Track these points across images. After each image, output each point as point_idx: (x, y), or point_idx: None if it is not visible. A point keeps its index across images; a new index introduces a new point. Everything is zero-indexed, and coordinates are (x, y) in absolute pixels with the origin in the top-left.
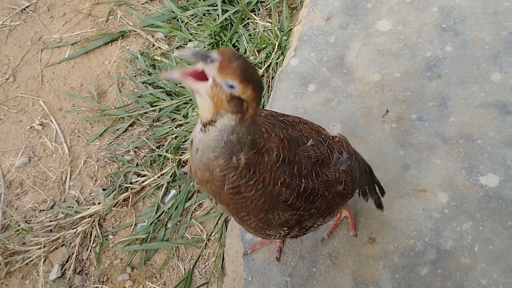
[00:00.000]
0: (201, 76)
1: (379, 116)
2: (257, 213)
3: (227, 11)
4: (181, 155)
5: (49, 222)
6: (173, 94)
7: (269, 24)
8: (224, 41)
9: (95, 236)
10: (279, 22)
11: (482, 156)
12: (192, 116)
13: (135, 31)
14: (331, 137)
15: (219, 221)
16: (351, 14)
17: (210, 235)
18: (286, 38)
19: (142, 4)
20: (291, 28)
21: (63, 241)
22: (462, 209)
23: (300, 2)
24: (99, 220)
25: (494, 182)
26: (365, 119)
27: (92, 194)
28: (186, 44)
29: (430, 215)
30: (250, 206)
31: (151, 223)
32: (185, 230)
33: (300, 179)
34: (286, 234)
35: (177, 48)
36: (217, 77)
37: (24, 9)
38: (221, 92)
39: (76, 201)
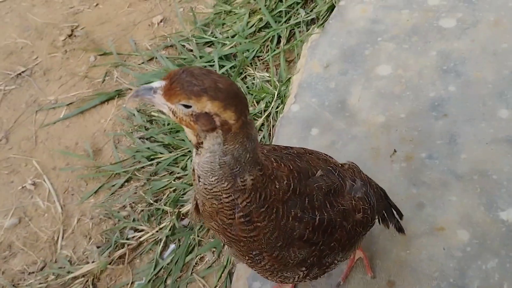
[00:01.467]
0: None
1: (387, 156)
2: (271, 250)
3: (224, 66)
4: (180, 208)
5: (39, 284)
6: (171, 147)
7: (267, 75)
8: None
9: None
10: (277, 74)
11: (499, 191)
12: (191, 168)
13: (131, 90)
14: (340, 165)
15: (223, 274)
16: (350, 61)
17: None
18: (285, 87)
19: (139, 64)
20: (290, 78)
21: None
22: (485, 247)
23: (297, 54)
24: (93, 279)
25: None
26: (373, 159)
27: (85, 253)
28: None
29: (452, 254)
30: (263, 240)
31: (149, 281)
32: (186, 286)
33: (313, 212)
34: (305, 275)
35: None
36: (168, 104)
37: (20, 74)
38: (183, 115)
39: (68, 261)
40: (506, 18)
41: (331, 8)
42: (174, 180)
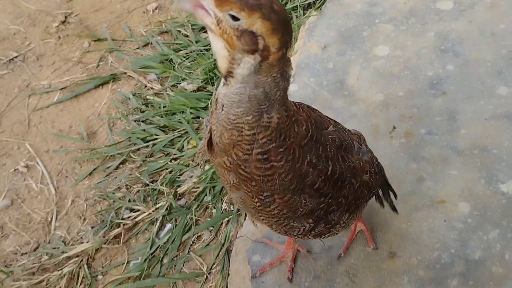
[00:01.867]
0: None
1: (387, 133)
2: (283, 193)
3: None
4: (177, 188)
5: (32, 264)
6: (166, 129)
7: None
8: (219, 76)
9: (83, 277)
10: None
11: (499, 165)
12: (188, 148)
13: (126, 74)
14: (348, 129)
15: (220, 252)
16: (348, 42)
17: (211, 267)
18: None
19: (134, 50)
20: None
21: (47, 284)
22: (486, 218)
23: (295, 38)
24: (87, 259)
25: None
26: (372, 136)
27: (80, 234)
28: (179, 83)
29: (453, 225)
30: (277, 180)
31: (145, 260)
32: (183, 265)
33: (327, 162)
34: (311, 229)
35: (170, 87)
36: (216, 10)
37: (12, 59)
38: (228, 27)
39: (62, 241)
40: (502, 1)
41: None
42: (170, 161)
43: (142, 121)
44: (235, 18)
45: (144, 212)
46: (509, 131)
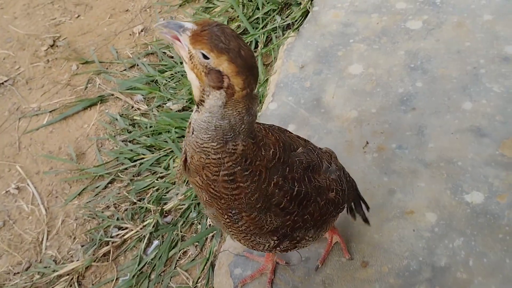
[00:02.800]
0: None
1: (360, 148)
2: (250, 211)
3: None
4: (163, 205)
5: (24, 283)
6: (153, 148)
7: None
8: None
9: None
10: None
11: (464, 176)
12: (174, 167)
13: (113, 95)
14: (319, 148)
15: (205, 266)
16: (324, 61)
17: (197, 281)
18: (263, 88)
19: (121, 71)
20: (267, 78)
21: None
22: (452, 227)
23: (274, 58)
24: (78, 277)
25: (479, 199)
26: (347, 151)
27: (70, 252)
28: (165, 104)
29: (421, 234)
30: (243, 199)
31: (134, 276)
32: (170, 280)
33: (293, 183)
34: (276, 245)
35: (156, 107)
36: (190, 46)
37: (3, 83)
38: (198, 63)
39: (53, 260)
40: (468, 20)
41: (305, 13)
42: (157, 180)
43: (129, 141)
44: (205, 57)
45: (132, 230)
46: (473, 144)
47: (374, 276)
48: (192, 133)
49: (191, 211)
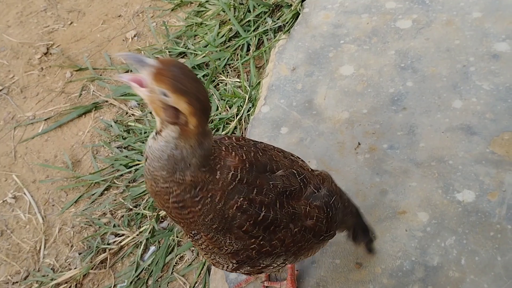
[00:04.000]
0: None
1: (352, 149)
2: (207, 231)
3: (197, 74)
4: (159, 211)
5: None
6: None
7: (238, 81)
8: None
9: None
10: (247, 79)
11: (455, 175)
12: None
13: (108, 102)
14: (310, 170)
15: (202, 271)
16: (315, 63)
17: (194, 286)
18: (255, 91)
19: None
20: (259, 82)
21: None
22: (443, 226)
23: (266, 60)
24: (76, 285)
25: (470, 197)
26: (339, 153)
27: (68, 260)
28: None
29: (413, 234)
30: (198, 221)
31: (131, 282)
32: (167, 285)
33: (260, 207)
34: (235, 269)
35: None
36: (152, 83)
37: None
38: (157, 99)
39: (51, 269)
40: (457, 18)
41: (296, 15)
42: None
43: (124, 148)
44: (165, 95)
45: (129, 236)
46: (463, 142)
47: (367, 277)
48: (146, 160)
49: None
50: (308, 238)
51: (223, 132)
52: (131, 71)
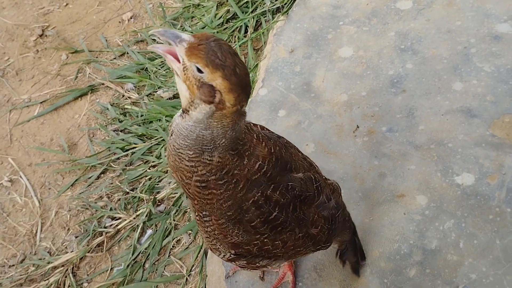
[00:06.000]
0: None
1: (350, 132)
2: (219, 216)
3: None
4: (156, 194)
5: (20, 276)
6: (144, 137)
7: None
8: None
9: (69, 286)
10: (245, 62)
11: (454, 158)
12: (165, 155)
13: (104, 84)
14: (324, 178)
15: (199, 254)
16: (314, 45)
17: (191, 269)
18: (253, 73)
19: (111, 60)
20: (257, 64)
21: None
22: (442, 209)
23: (264, 42)
24: (72, 268)
25: (470, 181)
26: (337, 136)
27: (64, 244)
28: (156, 91)
29: (412, 218)
30: (215, 205)
31: (128, 266)
32: (164, 268)
33: (274, 207)
34: (231, 259)
35: (147, 95)
36: (185, 58)
37: None
38: (191, 76)
39: (48, 252)
40: None
41: None
42: (149, 169)
43: (121, 131)
44: (200, 71)
45: (125, 220)
46: (463, 125)
47: (365, 260)
48: (171, 135)
49: (183, 200)
50: (307, 245)
51: None
52: (127, 53)
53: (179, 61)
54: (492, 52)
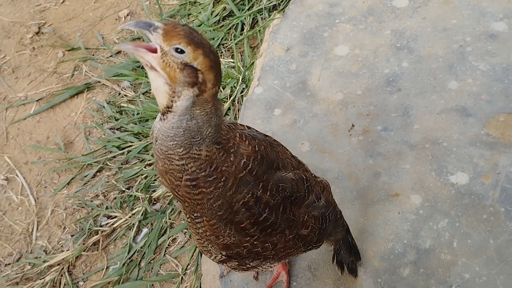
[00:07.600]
0: (154, 51)
1: (346, 131)
2: (210, 216)
3: None
4: (151, 193)
5: (15, 275)
6: (140, 136)
7: (232, 61)
8: None
9: (65, 284)
10: (241, 60)
11: (449, 157)
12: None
13: (100, 82)
14: (314, 176)
15: (194, 253)
16: (309, 43)
17: (186, 268)
18: (249, 72)
19: (107, 58)
20: (253, 62)
21: None
22: (436, 208)
23: (260, 40)
24: (68, 267)
25: (464, 180)
26: (332, 135)
27: (60, 242)
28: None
29: (406, 217)
30: (206, 205)
31: (124, 264)
32: (160, 267)
33: (264, 208)
34: (223, 261)
35: (143, 93)
36: (163, 44)
37: None
38: (172, 60)
39: (44, 250)
40: None
41: None
42: (145, 167)
43: (117, 129)
44: (181, 51)
45: (121, 218)
46: (458, 124)
47: None
48: (156, 142)
49: (177, 200)
50: (298, 246)
51: None
52: (123, 51)
53: (153, 51)
54: (487, 50)
